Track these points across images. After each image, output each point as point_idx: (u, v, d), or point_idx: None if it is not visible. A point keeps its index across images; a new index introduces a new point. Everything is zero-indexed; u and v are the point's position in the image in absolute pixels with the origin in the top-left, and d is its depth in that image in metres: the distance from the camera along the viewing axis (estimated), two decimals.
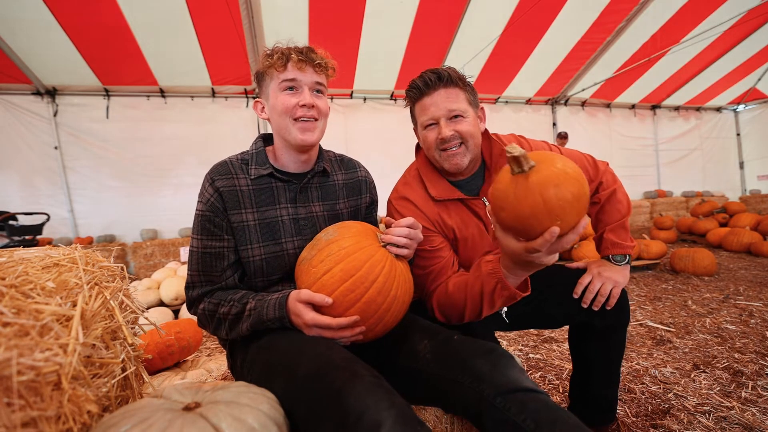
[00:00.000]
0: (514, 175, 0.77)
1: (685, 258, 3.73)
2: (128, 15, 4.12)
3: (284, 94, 1.00)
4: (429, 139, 1.14)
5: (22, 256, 0.76)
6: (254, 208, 1.00)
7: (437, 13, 4.80)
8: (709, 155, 8.89)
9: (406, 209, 1.18)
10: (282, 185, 1.05)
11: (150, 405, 0.62)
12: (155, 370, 1.73)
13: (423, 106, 1.13)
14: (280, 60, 0.98)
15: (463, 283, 1.05)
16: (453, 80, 1.10)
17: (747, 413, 1.45)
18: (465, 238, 1.19)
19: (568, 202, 0.73)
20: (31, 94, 5.01)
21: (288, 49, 1.00)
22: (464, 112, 1.11)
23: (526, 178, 0.75)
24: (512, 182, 0.77)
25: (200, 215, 0.99)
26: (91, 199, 5.32)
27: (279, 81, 1.00)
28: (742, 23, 5.70)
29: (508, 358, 0.81)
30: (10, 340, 0.48)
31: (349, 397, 0.63)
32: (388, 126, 6.46)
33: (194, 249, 0.99)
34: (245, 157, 1.05)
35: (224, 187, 0.98)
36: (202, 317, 0.99)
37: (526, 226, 0.77)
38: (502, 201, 0.79)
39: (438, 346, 0.88)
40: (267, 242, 1.00)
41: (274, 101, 1.01)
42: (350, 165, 1.19)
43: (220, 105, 5.79)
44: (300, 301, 0.87)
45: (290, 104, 0.99)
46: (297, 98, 1.00)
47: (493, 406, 0.73)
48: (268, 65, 1.00)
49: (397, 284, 0.90)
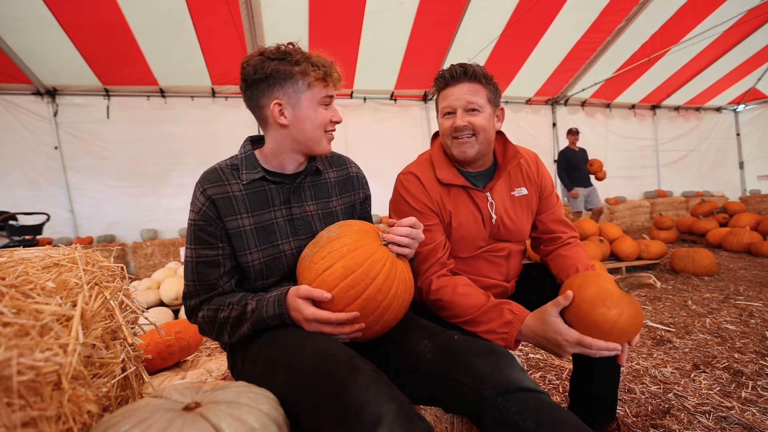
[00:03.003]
0: (622, 290, 0.94)
1: (685, 258, 3.73)
2: (128, 15, 4.12)
3: (323, 109, 1.02)
4: (444, 125, 1.22)
5: (22, 256, 0.76)
6: (249, 212, 1.00)
7: (437, 13, 4.80)
8: (709, 155, 8.89)
9: (411, 183, 1.25)
10: (275, 187, 1.04)
11: (150, 405, 0.62)
12: (155, 370, 1.73)
13: (445, 95, 1.21)
14: (323, 72, 0.98)
15: (473, 299, 1.10)
16: (477, 76, 1.17)
17: (747, 413, 1.45)
18: (460, 225, 1.24)
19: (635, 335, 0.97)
20: (31, 94, 5.02)
21: (325, 63, 1.00)
22: (481, 108, 1.17)
23: (634, 302, 0.93)
24: (624, 296, 0.93)
25: (193, 224, 0.98)
26: (91, 199, 5.32)
27: (322, 96, 1.00)
28: (742, 23, 5.70)
29: (509, 358, 0.82)
30: (10, 340, 0.48)
31: (350, 391, 0.63)
32: (388, 126, 6.46)
33: (189, 259, 0.99)
34: (234, 162, 1.04)
35: (216, 195, 0.97)
36: (203, 325, 0.99)
37: (611, 332, 0.91)
38: (612, 304, 0.91)
39: (438, 346, 0.88)
40: (264, 246, 1.00)
41: (312, 114, 1.00)
42: (340, 161, 1.19)
43: (220, 105, 5.79)
44: (299, 297, 0.87)
45: (327, 119, 1.02)
46: (330, 113, 1.03)
47: (494, 406, 0.73)
48: (313, 80, 0.98)
49: (398, 283, 0.91)
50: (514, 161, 1.25)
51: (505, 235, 1.28)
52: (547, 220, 1.34)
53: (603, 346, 0.90)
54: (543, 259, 1.38)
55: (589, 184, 5.57)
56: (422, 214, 1.21)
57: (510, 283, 1.35)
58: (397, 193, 1.28)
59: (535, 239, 1.42)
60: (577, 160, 5.58)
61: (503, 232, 1.27)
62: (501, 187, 1.27)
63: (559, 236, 1.33)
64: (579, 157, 5.59)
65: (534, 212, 1.34)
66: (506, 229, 1.27)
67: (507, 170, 1.26)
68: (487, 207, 1.24)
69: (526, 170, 1.30)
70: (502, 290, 1.32)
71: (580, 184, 5.54)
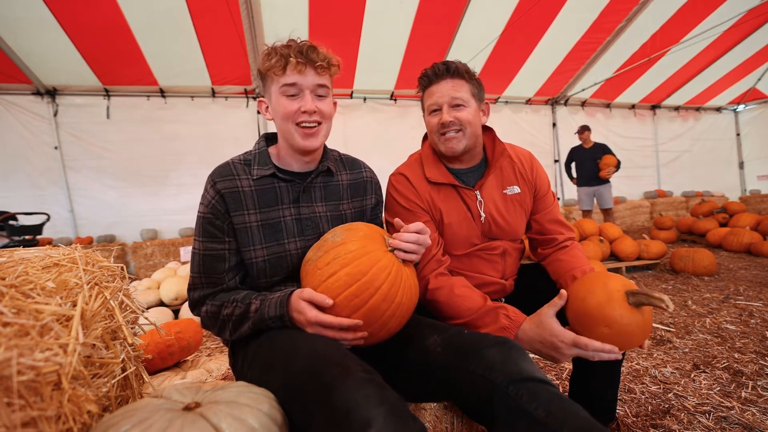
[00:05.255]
0: (630, 305, 0.91)
1: (685, 258, 3.73)
2: (128, 15, 4.12)
3: (285, 99, 0.97)
4: (431, 123, 1.23)
5: (22, 256, 0.76)
6: (257, 209, 1.00)
7: (437, 13, 4.80)
8: (709, 155, 8.89)
9: (401, 184, 1.26)
10: (285, 185, 1.03)
11: (150, 405, 0.62)
12: (155, 370, 1.73)
13: (430, 93, 1.22)
14: (278, 63, 0.94)
15: (470, 302, 1.11)
16: (459, 72, 1.18)
17: (747, 413, 1.45)
18: (451, 223, 1.25)
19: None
20: (31, 94, 5.02)
21: (287, 49, 0.94)
22: (466, 102, 1.18)
23: (642, 312, 0.91)
24: (631, 310, 0.91)
25: (202, 217, 0.99)
26: (91, 199, 5.32)
27: (279, 85, 0.96)
28: (742, 23, 5.70)
29: (520, 350, 0.82)
30: (10, 340, 0.48)
31: (338, 394, 0.63)
32: (388, 126, 6.46)
33: (196, 251, 1.00)
34: (248, 158, 1.04)
35: (225, 189, 0.97)
36: (206, 319, 1.00)
37: (614, 339, 0.91)
38: (618, 318, 0.90)
39: (448, 340, 0.88)
40: (270, 243, 1.00)
41: (276, 105, 0.98)
42: (355, 165, 1.19)
43: (220, 105, 5.79)
44: (303, 299, 0.87)
45: (291, 110, 0.96)
46: (299, 103, 0.96)
47: (506, 393, 0.74)
48: (268, 67, 0.95)
49: (403, 291, 0.89)
50: (502, 158, 1.26)
51: (498, 234, 1.28)
52: (542, 220, 1.34)
53: (599, 347, 0.90)
54: (541, 263, 1.37)
55: (597, 183, 5.28)
56: (413, 212, 1.22)
57: (508, 281, 1.34)
58: (388, 193, 1.29)
59: (531, 240, 1.41)
60: (582, 157, 5.38)
61: (495, 230, 1.27)
62: (491, 185, 1.27)
63: (555, 237, 1.32)
64: (586, 154, 5.34)
65: (528, 211, 1.34)
66: (498, 227, 1.27)
67: (496, 168, 1.27)
68: (476, 205, 1.25)
69: (519, 169, 1.30)
70: (500, 288, 1.32)
71: (586, 182, 5.35)
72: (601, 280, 0.97)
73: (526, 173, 1.31)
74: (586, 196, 5.41)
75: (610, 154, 5.15)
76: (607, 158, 5.11)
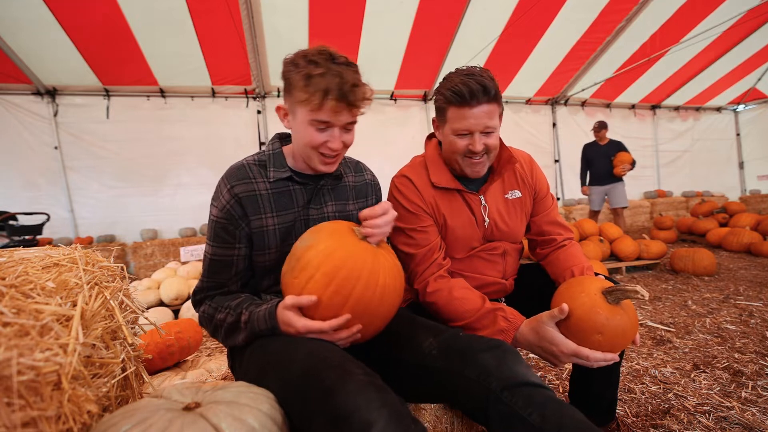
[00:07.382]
0: (610, 304, 0.93)
1: (685, 258, 3.73)
2: (128, 15, 4.12)
3: (314, 131, 0.92)
4: (457, 144, 1.15)
5: (22, 256, 0.76)
6: (274, 212, 0.99)
7: (437, 13, 4.79)
8: (708, 155, 8.88)
9: (405, 186, 1.25)
10: (299, 188, 1.03)
11: (150, 405, 0.62)
12: (155, 370, 1.73)
13: (462, 115, 1.11)
14: (315, 98, 0.87)
15: (468, 304, 1.11)
16: (495, 96, 1.11)
17: (747, 413, 1.45)
18: (454, 227, 1.24)
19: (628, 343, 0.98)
20: (31, 94, 5.02)
21: (325, 80, 0.87)
22: (495, 128, 1.15)
23: (624, 308, 0.94)
24: (613, 309, 0.93)
25: (215, 222, 0.97)
26: (91, 199, 5.32)
27: (310, 117, 0.91)
28: (742, 23, 5.70)
29: (515, 354, 0.82)
30: (10, 340, 0.48)
31: (338, 397, 0.63)
32: (388, 126, 6.45)
33: (206, 253, 1.00)
34: (262, 159, 1.02)
35: (243, 193, 0.96)
36: (202, 319, 1.01)
37: (608, 344, 0.92)
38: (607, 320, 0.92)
39: (444, 343, 0.88)
40: (283, 246, 1.00)
41: (302, 130, 0.93)
42: (358, 168, 1.21)
43: (220, 105, 5.79)
44: (287, 308, 0.84)
45: (318, 141, 0.93)
46: (326, 137, 0.93)
47: (500, 399, 0.74)
48: (301, 99, 0.89)
49: (384, 272, 0.88)
50: (509, 166, 1.24)
51: (499, 237, 1.29)
52: (541, 222, 1.35)
53: (600, 358, 0.91)
54: (540, 263, 1.38)
55: (609, 182, 5.03)
56: (417, 216, 1.22)
57: (508, 280, 1.35)
58: (391, 195, 1.29)
59: (530, 241, 1.42)
60: (594, 154, 5.13)
61: (496, 234, 1.28)
62: (495, 190, 1.27)
63: (553, 238, 1.33)
64: (598, 151, 5.08)
65: (528, 214, 1.34)
66: (499, 232, 1.27)
67: (502, 175, 1.26)
68: (481, 210, 1.25)
69: (520, 173, 1.31)
70: (501, 287, 1.33)
71: (596, 181, 5.12)
72: (578, 287, 0.99)
73: (527, 177, 1.31)
74: (597, 196, 5.18)
75: (625, 152, 4.92)
76: (622, 155, 4.87)
